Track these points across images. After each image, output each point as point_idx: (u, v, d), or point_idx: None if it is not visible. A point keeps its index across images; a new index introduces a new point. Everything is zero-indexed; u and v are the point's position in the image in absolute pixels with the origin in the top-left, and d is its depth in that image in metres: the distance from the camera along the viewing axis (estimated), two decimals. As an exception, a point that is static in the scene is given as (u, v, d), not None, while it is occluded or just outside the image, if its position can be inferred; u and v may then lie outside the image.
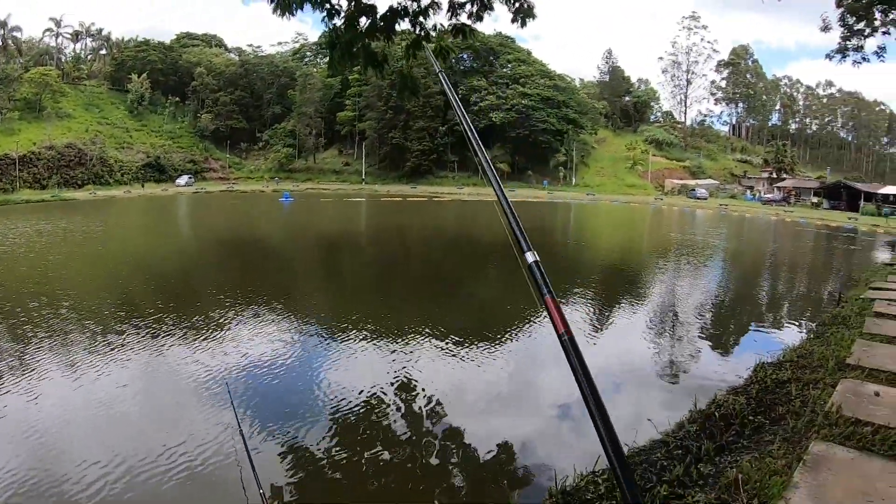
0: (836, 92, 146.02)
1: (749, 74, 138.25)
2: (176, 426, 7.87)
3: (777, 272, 25.56)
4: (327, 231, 37.12)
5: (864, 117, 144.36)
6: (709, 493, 4.83)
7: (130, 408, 8.55)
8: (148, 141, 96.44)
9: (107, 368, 9.88)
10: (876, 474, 4.88)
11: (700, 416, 6.83)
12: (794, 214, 67.64)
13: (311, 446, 7.41)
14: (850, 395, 6.67)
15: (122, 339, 11.60)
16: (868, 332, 9.88)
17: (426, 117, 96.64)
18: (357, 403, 8.80)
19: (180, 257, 24.23)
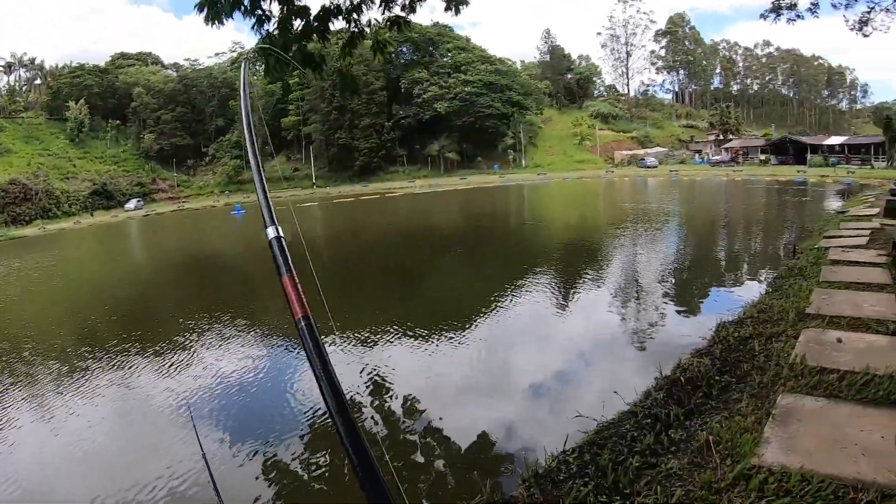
0: (774, 51, 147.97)
1: (687, 41, 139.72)
2: (142, 459, 7.72)
3: (732, 231, 25.73)
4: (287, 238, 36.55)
5: (804, 73, 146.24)
6: (681, 458, 4.84)
7: (97, 446, 8.30)
8: (92, 168, 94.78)
9: (73, 407, 9.63)
10: (846, 420, 4.94)
11: (666, 382, 6.75)
12: (743, 173, 68.59)
13: (283, 460, 7.33)
14: (813, 345, 6.74)
15: (86, 375, 11.30)
16: (825, 280, 9.96)
17: (371, 114, 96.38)
18: (323, 410, 8.56)
19: (136, 284, 23.48)
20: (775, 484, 4.06)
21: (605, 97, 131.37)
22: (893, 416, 4.86)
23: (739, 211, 33.92)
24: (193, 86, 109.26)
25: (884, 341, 6.61)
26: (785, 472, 4.18)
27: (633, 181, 69.62)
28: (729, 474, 4.30)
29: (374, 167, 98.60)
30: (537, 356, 10.55)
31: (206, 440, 7.81)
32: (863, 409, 5.07)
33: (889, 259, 10.74)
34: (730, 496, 4.05)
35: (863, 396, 5.29)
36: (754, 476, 4.20)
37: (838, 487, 3.93)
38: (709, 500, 4.06)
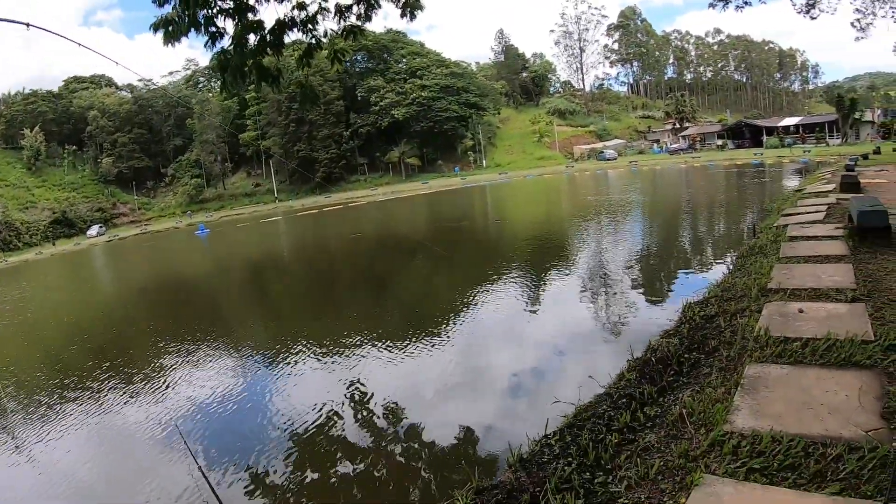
0: (725, 38, 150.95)
1: (640, 34, 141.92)
2: (137, 480, 7.67)
3: (694, 216, 26.07)
4: (249, 256, 36.09)
5: (755, 57, 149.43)
6: (658, 431, 5.01)
7: (90, 473, 8.25)
8: (52, 196, 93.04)
9: (59, 440, 9.43)
10: (811, 383, 5.10)
11: (638, 363, 6.94)
12: (701, 159, 69.43)
13: (275, 472, 7.33)
14: (776, 317, 6.93)
15: (68, 406, 11.07)
16: (784, 256, 10.18)
17: (329, 124, 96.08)
18: (311, 420, 8.72)
19: (106, 311, 22.96)
20: (748, 446, 4.24)
21: (561, 93, 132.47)
22: (856, 377, 5.07)
23: (700, 196, 34.45)
24: (149, 106, 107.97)
25: (843, 308, 6.84)
26: (756, 434, 4.36)
27: (595, 174, 70.19)
28: (704, 442, 4.49)
29: (336, 177, 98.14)
30: (512, 350, 10.73)
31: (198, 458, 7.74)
32: (827, 373, 5.28)
33: (846, 231, 11.05)
34: (706, 461, 4.22)
35: (826, 361, 5.51)
36: (728, 441, 4.38)
37: (808, 444, 4.12)
38: (686, 467, 4.23)
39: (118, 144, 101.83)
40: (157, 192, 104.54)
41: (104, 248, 66.83)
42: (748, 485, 3.84)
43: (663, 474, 4.27)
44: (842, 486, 3.66)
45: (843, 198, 16.30)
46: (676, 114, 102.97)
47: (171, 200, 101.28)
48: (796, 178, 33.97)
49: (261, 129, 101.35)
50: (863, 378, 5.02)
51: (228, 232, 57.98)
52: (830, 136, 68.43)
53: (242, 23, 6.62)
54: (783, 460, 3.99)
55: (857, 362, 5.33)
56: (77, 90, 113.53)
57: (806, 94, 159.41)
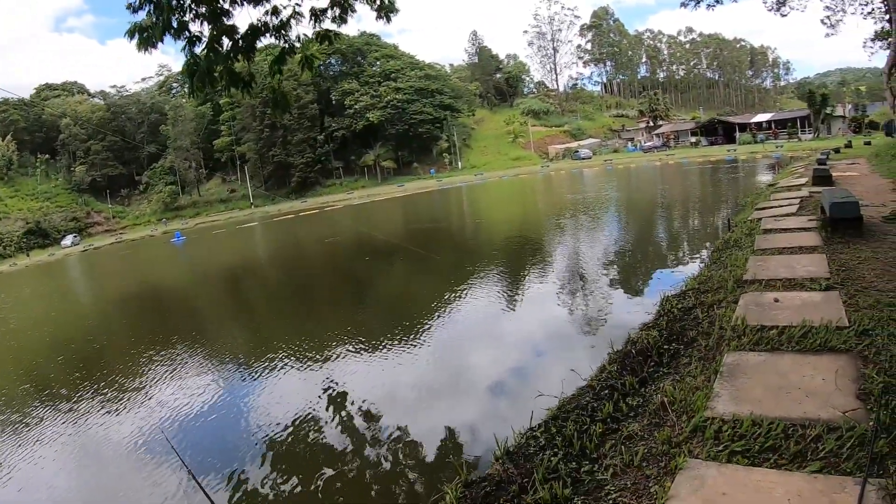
0: (697, 37, 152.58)
1: (612, 34, 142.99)
2: (129, 490, 7.58)
3: (670, 212, 26.15)
4: (226, 263, 35.62)
5: (727, 55, 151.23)
6: (640, 420, 5.07)
7: (78, 487, 8.14)
8: (24, 206, 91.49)
9: (43, 455, 9.24)
10: (788, 368, 5.19)
11: (619, 356, 7.02)
12: (676, 157, 69.90)
13: (263, 473, 7.30)
14: (752, 307, 7.00)
15: (49, 419, 10.86)
16: (759, 248, 10.31)
17: (304, 129, 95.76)
18: (296, 421, 8.72)
19: (83, 323, 22.53)
20: (729, 430, 4.33)
21: (535, 94, 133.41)
22: (832, 361, 5.18)
23: (675, 193, 34.65)
24: (122, 113, 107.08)
25: (818, 297, 6.96)
26: (737, 419, 4.44)
27: (570, 174, 70.51)
28: (686, 428, 4.57)
29: (312, 182, 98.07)
30: (494, 347, 10.78)
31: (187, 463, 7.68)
32: (803, 358, 5.38)
33: (819, 223, 11.23)
34: (689, 446, 4.30)
35: (802, 347, 5.62)
36: (709, 426, 4.45)
37: (787, 426, 4.21)
38: (670, 452, 4.31)
39: (91, 152, 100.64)
40: (132, 200, 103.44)
41: (79, 258, 65.78)
42: (731, 466, 3.92)
43: (648, 460, 4.35)
44: (822, 465, 3.74)
45: (815, 191, 16.52)
46: (650, 112, 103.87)
47: (146, 208, 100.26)
48: (769, 173, 34.31)
49: (235, 134, 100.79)
50: (839, 362, 5.12)
51: (205, 239, 57.38)
52: (802, 132, 69.34)
53: (216, 27, 6.60)
54: (764, 442, 4.08)
55: (832, 347, 5.44)
56: (49, 98, 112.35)
57: (777, 90, 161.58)
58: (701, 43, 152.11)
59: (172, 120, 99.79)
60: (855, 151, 35.07)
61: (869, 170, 22.44)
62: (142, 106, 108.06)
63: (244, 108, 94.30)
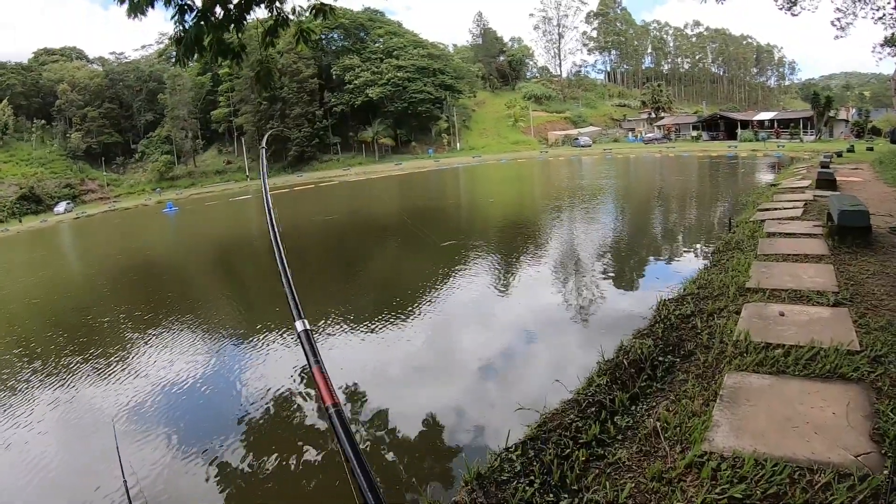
0: (703, 30, 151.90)
1: (619, 22, 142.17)
2: (60, 488, 7.25)
3: (668, 206, 25.88)
4: (217, 235, 35.50)
5: (733, 51, 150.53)
6: (629, 446, 4.61)
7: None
8: (18, 172, 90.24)
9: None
10: (795, 397, 4.75)
11: (609, 366, 6.47)
12: (676, 150, 69.60)
13: (222, 473, 6.96)
14: (756, 320, 6.60)
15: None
16: (763, 253, 9.92)
17: (302, 103, 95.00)
18: (263, 410, 8.48)
19: (69, 290, 22.26)
20: (728, 470, 3.87)
21: (537, 79, 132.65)
22: (843, 391, 4.74)
23: (675, 186, 34.40)
24: (120, 80, 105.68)
25: (826, 313, 6.56)
26: (738, 456, 4.00)
27: (569, 160, 70.29)
28: (680, 462, 4.10)
29: (308, 156, 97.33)
30: (474, 346, 10.25)
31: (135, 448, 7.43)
32: (811, 385, 4.94)
33: (825, 230, 10.85)
34: (682, 486, 3.85)
35: (810, 372, 5.18)
36: (706, 463, 3.99)
37: (793, 470, 3.77)
38: (661, 491, 3.85)
39: (88, 119, 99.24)
40: (127, 169, 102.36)
41: (71, 225, 65.32)
42: (729, 518, 3.46)
43: (635, 498, 3.89)
44: (832, 523, 3.30)
45: (819, 194, 16.20)
46: (652, 103, 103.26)
47: (141, 177, 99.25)
48: (770, 173, 34.06)
49: (233, 105, 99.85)
50: (850, 393, 4.69)
51: (197, 210, 57.32)
52: (804, 133, 68.90)
53: (209, -6, 6.38)
54: (767, 488, 3.64)
55: (843, 375, 5.02)
56: (47, 63, 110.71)
57: (782, 89, 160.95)
58: (707, 37, 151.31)
59: (171, 89, 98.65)
60: (857, 156, 34.87)
61: (873, 176, 22.14)
62: (140, 73, 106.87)
63: (243, 79, 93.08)
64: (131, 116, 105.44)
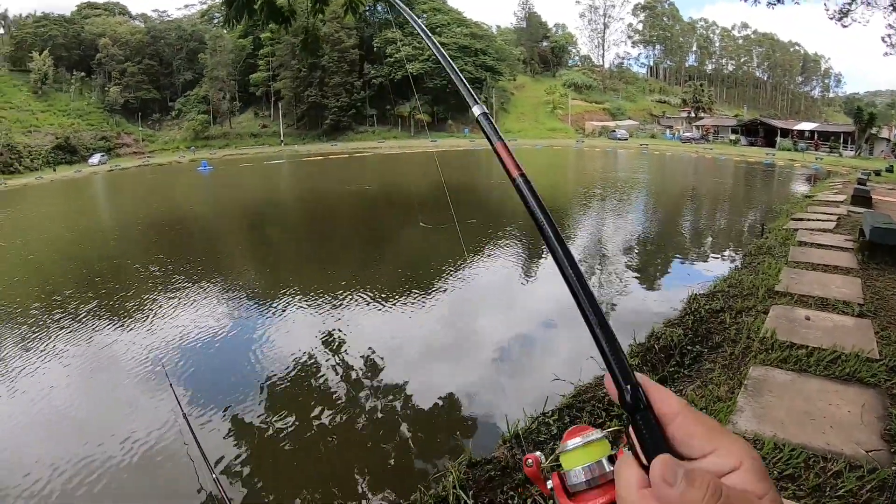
0: (751, 33, 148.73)
1: (666, 17, 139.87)
2: (117, 417, 7.64)
3: (701, 206, 26.17)
4: (248, 198, 36.00)
5: (779, 57, 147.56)
6: None
7: (66, 405, 8.23)
8: (56, 122, 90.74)
9: (36, 366, 9.50)
10: (815, 394, 5.15)
11: (641, 349, 6.97)
12: (713, 152, 68.99)
13: (256, 420, 7.36)
14: (782, 321, 6.99)
15: (49, 332, 11.14)
16: (794, 260, 10.25)
17: (342, 72, 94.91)
18: (301, 370, 8.82)
19: (102, 241, 22.89)
20: (749, 451, 4.26)
21: (579, 67, 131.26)
22: (860, 393, 5.12)
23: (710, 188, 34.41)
24: (161, 38, 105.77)
25: (850, 322, 6.88)
26: (759, 439, 4.42)
27: (605, 152, 69.95)
28: (705, 441, 4.49)
29: (344, 126, 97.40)
30: (515, 320, 10.81)
31: (181, 394, 7.81)
32: (831, 385, 5.33)
33: (856, 244, 11.08)
34: (706, 462, 4.24)
35: (830, 373, 5.56)
36: (729, 443, 4.38)
37: (809, 457, 4.18)
38: (686, 465, 4.25)
39: (127, 74, 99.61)
40: (163, 125, 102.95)
41: (105, 177, 66.12)
42: (748, 492, 3.87)
43: (661, 470, 4.30)
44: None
45: (853, 210, 16.33)
46: (693, 103, 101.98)
47: (176, 135, 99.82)
48: (806, 184, 33.90)
49: (273, 70, 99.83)
50: (866, 396, 5.07)
51: (231, 171, 57.63)
52: (844, 148, 67.84)
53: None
54: (783, 469, 4.06)
55: (861, 379, 5.39)
56: (90, 16, 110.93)
57: (825, 101, 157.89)
58: (754, 40, 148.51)
59: (211, 49, 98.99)
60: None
61: (910, 198, 22.08)
62: (182, 32, 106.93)
63: (284, 44, 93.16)
64: (170, 74, 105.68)
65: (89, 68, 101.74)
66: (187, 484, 6.02)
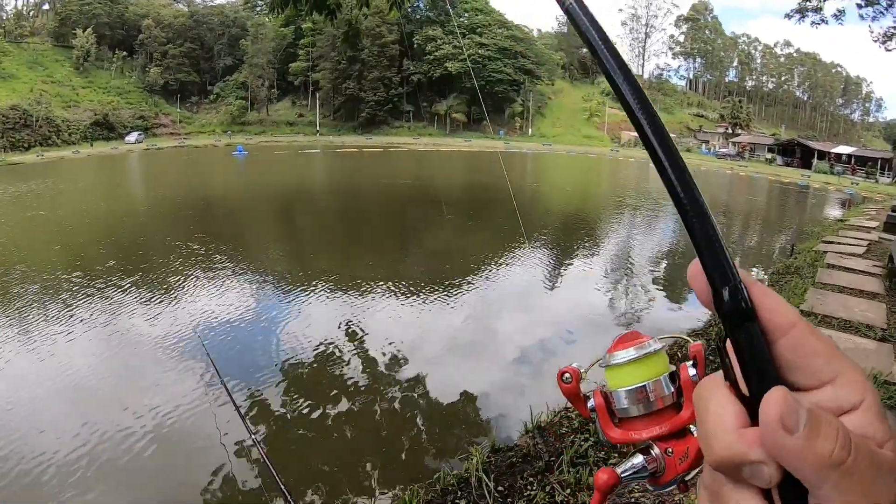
0: (793, 52, 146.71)
1: (708, 31, 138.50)
2: (156, 382, 7.98)
3: (732, 223, 25.99)
4: (284, 184, 36.39)
5: (821, 78, 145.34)
6: None
7: (106, 367, 8.56)
8: (95, 98, 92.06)
9: (76, 333, 9.79)
10: (834, 414, 5.29)
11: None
12: (748, 169, 68.58)
13: (290, 394, 7.66)
14: None
15: (89, 301, 11.48)
16: (820, 281, 10.29)
17: (381, 67, 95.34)
18: (330, 353, 9.10)
19: (137, 217, 23.48)
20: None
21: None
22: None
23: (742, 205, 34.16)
24: (204, 22, 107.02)
25: (872, 345, 6.84)
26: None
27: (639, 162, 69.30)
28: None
29: (380, 120, 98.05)
30: (540, 319, 10.99)
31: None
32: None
33: (884, 271, 10.95)
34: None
35: (848, 395, 5.51)
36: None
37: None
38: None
39: (168, 56, 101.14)
40: (200, 108, 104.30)
41: (141, 155, 67.22)
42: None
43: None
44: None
45: (885, 237, 16.11)
46: (731, 118, 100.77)
47: (213, 118, 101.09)
48: (840, 208, 33.49)
49: (312, 60, 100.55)
50: (882, 419, 5.01)
51: (266, 157, 58.14)
52: (881, 174, 66.64)
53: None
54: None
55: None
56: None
57: (865, 125, 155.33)
58: (796, 59, 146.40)
59: (253, 36, 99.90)
60: (931, 208, 33.80)
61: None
62: (224, 18, 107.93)
63: (325, 36, 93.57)
64: (211, 58, 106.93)
65: (131, 48, 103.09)
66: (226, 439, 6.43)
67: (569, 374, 0.74)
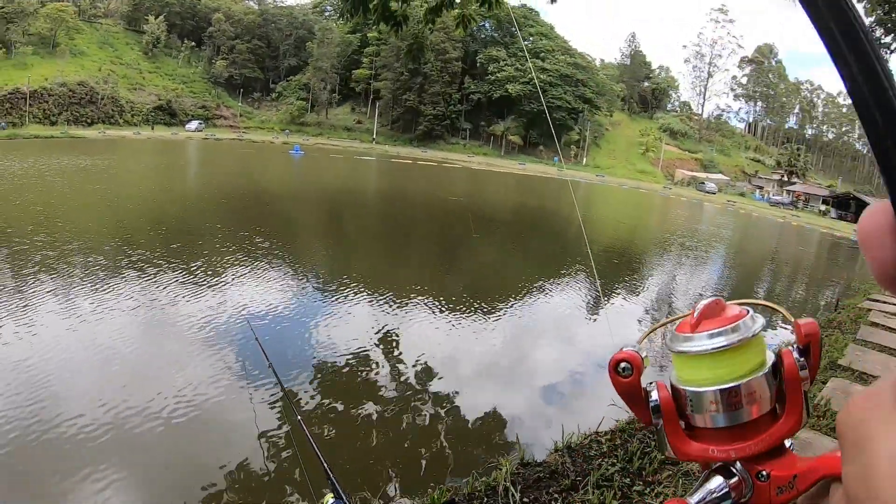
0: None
1: (771, 74, 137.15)
2: (205, 361, 8.45)
3: (778, 272, 26.08)
4: (340, 188, 36.52)
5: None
6: None
7: (162, 353, 8.82)
8: (161, 84, 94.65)
9: (131, 319, 9.97)
10: (858, 471, 4.90)
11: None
12: (800, 219, 67.54)
13: (324, 389, 8.03)
14: (838, 392, 6.98)
15: (143, 278, 11.93)
16: (862, 338, 10.16)
17: (442, 82, 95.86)
18: (366, 354, 9.48)
19: (194, 202, 23.90)
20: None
21: (677, 113, 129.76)
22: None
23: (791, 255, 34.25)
24: (272, 21, 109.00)
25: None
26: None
27: (690, 202, 69.25)
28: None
29: (437, 135, 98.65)
30: (574, 345, 11.48)
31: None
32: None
33: (931, 333, 10.84)
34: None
35: (875, 449, 5.02)
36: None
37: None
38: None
39: (235, 51, 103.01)
40: (261, 105, 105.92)
41: (200, 143, 68.63)
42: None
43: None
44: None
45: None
46: (787, 166, 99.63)
47: (273, 115, 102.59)
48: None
49: (375, 69, 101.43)
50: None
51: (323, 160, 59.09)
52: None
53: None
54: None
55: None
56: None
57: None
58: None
59: (319, 40, 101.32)
60: None
61: None
62: (293, 20, 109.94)
63: (390, 47, 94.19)
64: (276, 57, 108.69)
65: (200, 39, 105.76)
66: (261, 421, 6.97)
67: (627, 362, 0.57)
